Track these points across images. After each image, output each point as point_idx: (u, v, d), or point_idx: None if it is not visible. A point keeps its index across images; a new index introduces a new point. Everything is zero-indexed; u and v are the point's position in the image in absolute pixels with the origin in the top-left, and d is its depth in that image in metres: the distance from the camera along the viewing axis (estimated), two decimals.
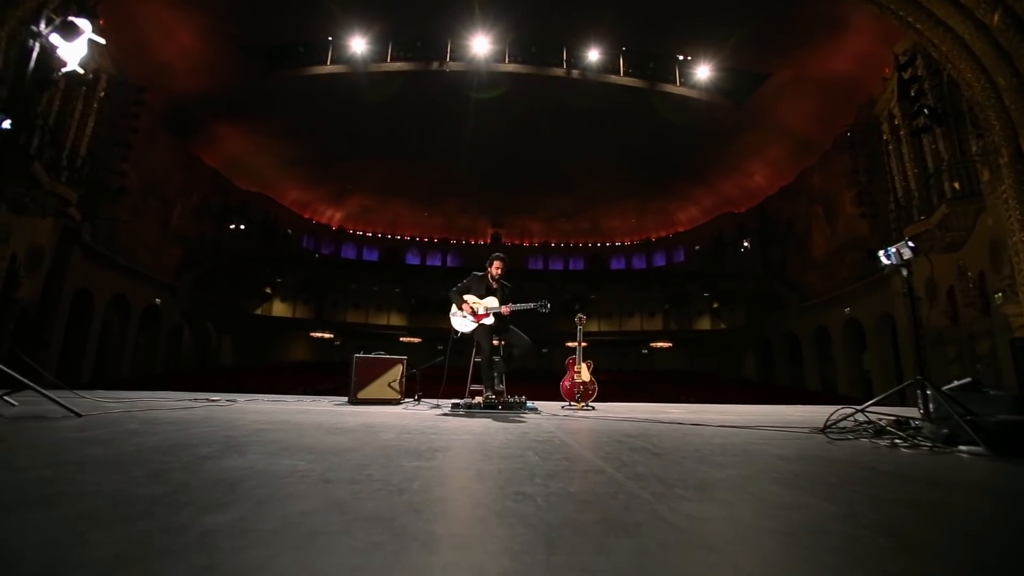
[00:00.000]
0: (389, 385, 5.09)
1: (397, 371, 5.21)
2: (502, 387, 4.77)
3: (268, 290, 26.55)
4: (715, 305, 27.78)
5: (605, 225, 34.39)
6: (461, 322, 4.80)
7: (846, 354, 17.91)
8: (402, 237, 34.42)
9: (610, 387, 23.15)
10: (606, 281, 31.25)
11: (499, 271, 4.93)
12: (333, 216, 32.55)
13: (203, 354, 22.90)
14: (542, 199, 30.64)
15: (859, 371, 17.84)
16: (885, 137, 13.68)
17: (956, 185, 9.89)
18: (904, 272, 2.59)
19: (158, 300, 17.99)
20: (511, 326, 4.89)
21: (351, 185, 29.25)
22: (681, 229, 32.40)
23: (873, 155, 15.31)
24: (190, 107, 18.82)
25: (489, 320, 4.69)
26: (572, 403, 5.23)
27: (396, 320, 29.89)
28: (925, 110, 9.71)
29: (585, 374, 5.22)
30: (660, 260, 33.34)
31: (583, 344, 5.48)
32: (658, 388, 20.41)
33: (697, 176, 27.38)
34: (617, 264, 34.95)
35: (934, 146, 10.92)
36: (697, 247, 30.22)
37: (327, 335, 29.48)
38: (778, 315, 23.14)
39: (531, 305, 4.69)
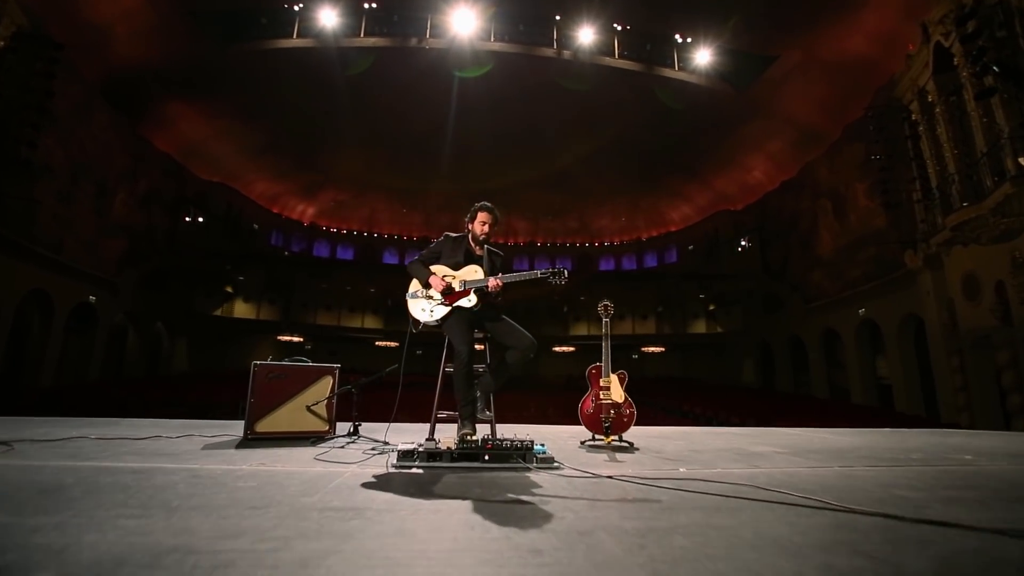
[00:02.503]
0: (309, 409, 3.23)
1: (324, 387, 3.35)
2: (490, 415, 2.96)
3: (229, 289, 24.27)
4: (711, 307, 26.35)
5: (594, 224, 32.91)
6: (424, 306, 2.99)
7: (860, 359, 16.49)
8: (379, 235, 32.37)
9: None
10: (596, 282, 29.64)
11: (485, 230, 3.15)
12: (305, 211, 30.37)
13: (153, 360, 20.55)
14: (528, 195, 28.96)
15: (873, 377, 16.43)
16: (915, 117, 12.27)
17: (1021, 161, 8.41)
18: None
19: (93, 298, 15.71)
20: (503, 315, 3.09)
21: (323, 177, 27.18)
22: (673, 228, 31.03)
23: (892, 141, 13.92)
24: (134, 80, 16.63)
25: (469, 302, 2.90)
26: (597, 436, 3.43)
27: (371, 323, 27.81)
28: (994, 67, 8.23)
29: (616, 391, 3.43)
30: (651, 260, 31.90)
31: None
32: (655, 397, 18.77)
33: (691, 172, 26.01)
34: (606, 265, 33.44)
35: (985, 119, 9.47)
36: (691, 247, 28.81)
37: (296, 338, 27.22)
38: (780, 317, 21.75)
39: (537, 273, 2.91)
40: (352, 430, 3.24)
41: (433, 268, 3.11)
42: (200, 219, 22.27)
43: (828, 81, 17.08)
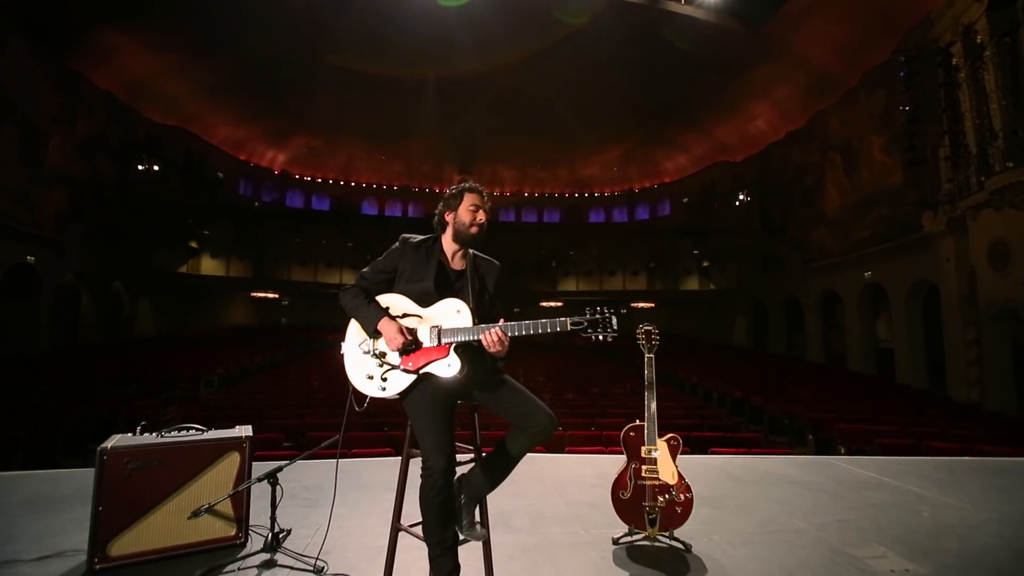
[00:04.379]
0: (203, 513, 2.09)
1: (227, 470, 2.20)
2: (483, 531, 1.87)
3: (194, 244, 22.53)
4: (705, 264, 25.48)
5: (584, 174, 31.30)
6: (370, 370, 1.84)
7: (861, 324, 15.85)
8: (357, 184, 30.36)
9: (584, 354, 20.72)
10: (586, 235, 28.43)
11: (479, 220, 1.94)
12: (275, 158, 28.13)
13: (113, 323, 19.08)
14: (515, 142, 27.09)
15: (874, 344, 15.87)
16: (955, 62, 10.88)
17: None
18: None
19: (31, 258, 14.07)
20: (506, 376, 1.93)
21: (293, 120, 24.85)
22: (667, 179, 29.63)
23: (923, 90, 12.55)
24: (58, 5, 14.20)
25: (448, 368, 1.75)
26: (634, 529, 2.38)
27: (350, 278, 25.83)
28: None
29: (666, 466, 2.35)
30: (643, 213, 30.66)
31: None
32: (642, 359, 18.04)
33: (690, 120, 24.37)
34: (596, 217, 32.12)
35: None
36: (685, 200, 27.54)
37: (271, 294, 25.83)
38: (777, 276, 20.97)
39: (567, 323, 1.75)
40: (271, 540, 2.13)
41: (385, 300, 1.91)
42: (155, 167, 20.18)
43: (851, 19, 15.38)
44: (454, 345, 1.78)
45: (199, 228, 22.17)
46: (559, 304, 28.51)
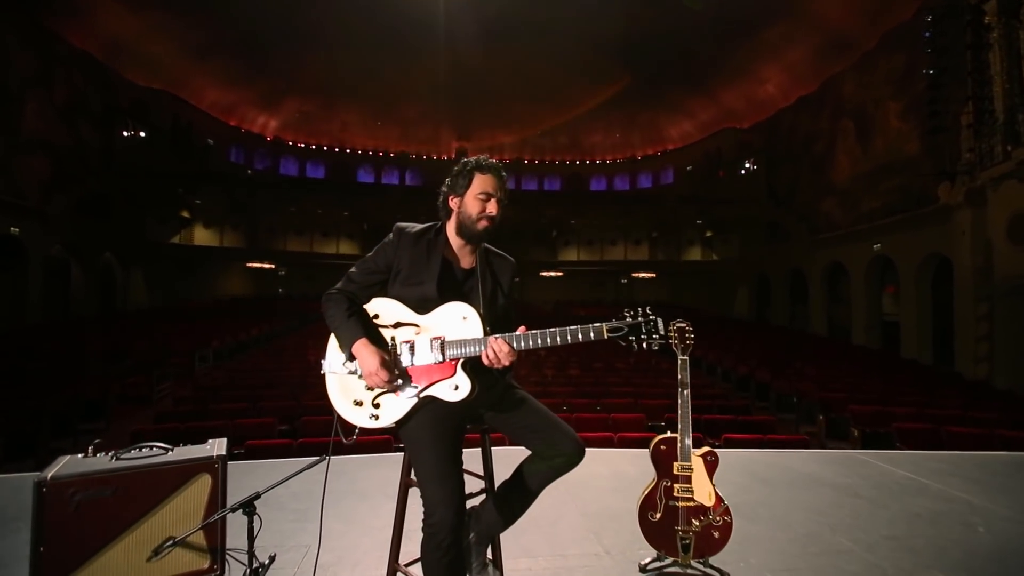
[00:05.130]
0: (166, 550, 1.79)
1: (197, 495, 1.90)
2: (495, 572, 1.57)
3: (186, 214, 21.95)
4: (708, 234, 25.04)
5: (585, 141, 30.47)
6: (358, 394, 1.50)
7: (868, 298, 15.58)
8: (352, 150, 29.48)
9: (586, 323, 20.42)
10: (587, 203, 27.82)
11: (490, 213, 1.54)
12: (267, 124, 27.21)
13: (107, 295, 18.71)
14: (514, 108, 26.20)
15: (879, 317, 15.64)
16: (987, 20, 10.21)
17: None
18: None
19: (15, 229, 13.59)
20: (519, 390, 1.60)
21: (285, 83, 23.88)
22: (671, 147, 28.85)
23: (949, 52, 11.88)
24: None
25: (455, 390, 1.42)
26: (664, 554, 2.10)
27: (347, 248, 25.99)
28: None
29: (702, 484, 2.06)
30: (645, 181, 29.96)
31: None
32: None
33: (696, 84, 23.51)
34: (597, 184, 31.41)
35: None
36: (689, 167, 26.83)
37: (267, 265, 25.40)
38: (781, 248, 20.57)
39: (603, 329, 1.42)
40: (252, 573, 1.85)
41: (374, 306, 1.54)
42: (141, 133, 19.38)
43: None
44: (462, 361, 1.44)
45: (190, 197, 21.54)
46: (559, 274, 28.15)
